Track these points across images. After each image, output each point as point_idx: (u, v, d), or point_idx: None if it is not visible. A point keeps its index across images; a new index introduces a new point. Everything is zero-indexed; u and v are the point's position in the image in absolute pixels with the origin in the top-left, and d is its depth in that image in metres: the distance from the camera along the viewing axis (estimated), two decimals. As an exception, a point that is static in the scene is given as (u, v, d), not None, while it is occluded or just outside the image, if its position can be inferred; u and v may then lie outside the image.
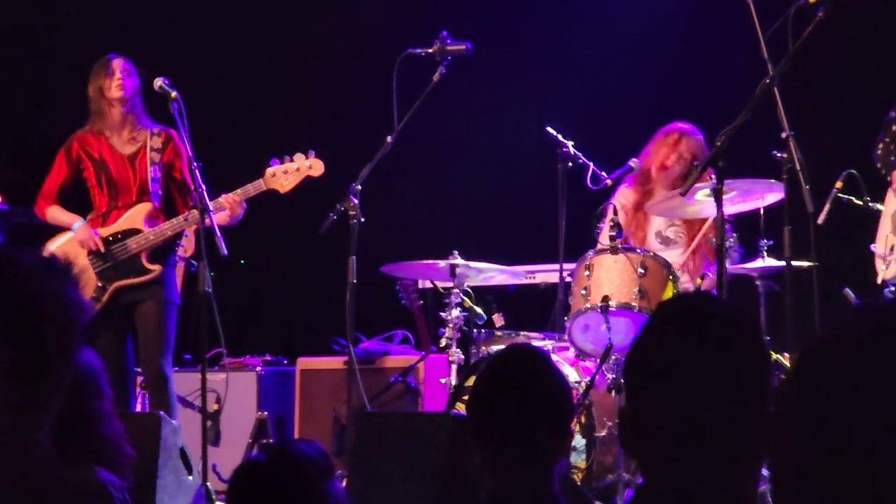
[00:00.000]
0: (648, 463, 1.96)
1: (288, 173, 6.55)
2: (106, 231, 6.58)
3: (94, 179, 6.63)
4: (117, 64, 6.59)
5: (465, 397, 6.39)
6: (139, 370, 6.73)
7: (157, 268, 6.55)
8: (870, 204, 6.08)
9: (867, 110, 6.31)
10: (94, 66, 6.66)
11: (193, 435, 6.06)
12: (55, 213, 6.67)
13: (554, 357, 5.59)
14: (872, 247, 5.95)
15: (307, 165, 6.57)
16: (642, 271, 6.07)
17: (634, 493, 2.00)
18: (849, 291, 6.23)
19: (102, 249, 6.50)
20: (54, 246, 6.62)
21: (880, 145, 5.91)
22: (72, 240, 6.58)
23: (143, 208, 6.58)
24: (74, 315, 2.05)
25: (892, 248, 5.85)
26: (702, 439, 1.89)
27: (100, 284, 6.55)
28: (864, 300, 4.93)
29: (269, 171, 6.55)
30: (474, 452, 2.82)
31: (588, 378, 5.99)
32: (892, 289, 5.77)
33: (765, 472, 1.87)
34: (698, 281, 6.55)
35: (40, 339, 2.02)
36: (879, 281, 5.85)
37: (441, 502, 4.68)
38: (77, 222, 6.60)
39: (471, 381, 6.40)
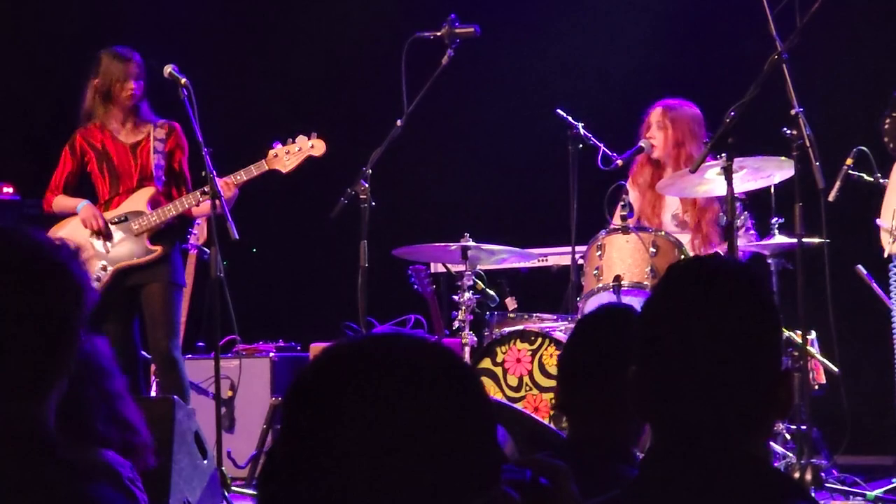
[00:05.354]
0: (659, 424, 1.95)
1: (290, 154, 6.56)
2: (109, 214, 6.55)
3: (97, 169, 6.58)
4: (132, 70, 6.51)
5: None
6: (150, 356, 6.71)
7: (158, 248, 6.50)
8: (880, 180, 6.06)
9: (877, 86, 6.28)
10: (102, 54, 6.57)
11: (208, 421, 6.06)
12: (60, 201, 6.61)
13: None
14: (878, 221, 5.92)
15: (309, 145, 6.58)
16: (654, 250, 6.06)
17: (646, 455, 1.99)
18: (861, 268, 6.22)
19: (103, 227, 6.47)
20: (60, 232, 6.57)
21: (887, 121, 5.89)
22: (75, 222, 6.55)
23: (147, 192, 6.54)
24: (80, 289, 2.04)
25: (898, 222, 5.83)
26: (713, 398, 1.89)
27: (102, 265, 6.52)
28: None
29: (272, 152, 6.56)
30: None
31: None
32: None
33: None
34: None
35: (48, 309, 2.01)
36: (886, 255, 5.83)
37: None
38: (81, 203, 6.55)
39: (484, 363, 6.40)
